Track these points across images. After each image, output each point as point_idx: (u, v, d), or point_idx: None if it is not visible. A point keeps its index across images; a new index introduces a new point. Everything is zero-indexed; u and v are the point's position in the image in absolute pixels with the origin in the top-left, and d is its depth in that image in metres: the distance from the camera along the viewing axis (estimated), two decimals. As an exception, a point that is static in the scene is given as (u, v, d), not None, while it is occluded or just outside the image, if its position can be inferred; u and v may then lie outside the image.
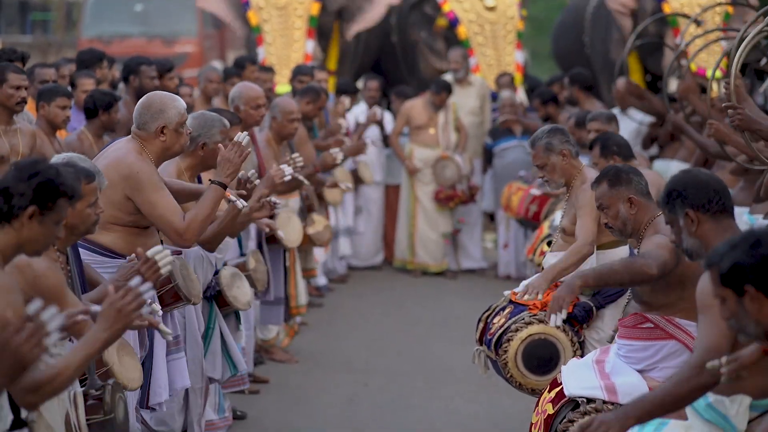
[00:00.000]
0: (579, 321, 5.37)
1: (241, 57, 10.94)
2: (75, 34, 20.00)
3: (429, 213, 11.00)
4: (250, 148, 5.15)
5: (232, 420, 6.36)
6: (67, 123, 6.97)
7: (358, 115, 11.09)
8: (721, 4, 9.61)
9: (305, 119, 8.52)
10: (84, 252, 4.63)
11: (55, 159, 4.25)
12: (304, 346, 8.39)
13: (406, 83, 12.43)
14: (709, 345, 3.59)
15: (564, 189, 5.77)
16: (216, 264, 5.87)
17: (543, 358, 5.20)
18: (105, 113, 7.15)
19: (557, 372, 5.02)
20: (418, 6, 12.62)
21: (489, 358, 5.51)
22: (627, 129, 9.46)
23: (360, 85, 11.90)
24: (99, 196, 4.16)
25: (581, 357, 5.06)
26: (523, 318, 5.33)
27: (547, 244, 6.78)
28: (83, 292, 4.29)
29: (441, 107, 10.86)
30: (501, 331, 5.35)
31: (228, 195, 5.22)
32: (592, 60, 12.52)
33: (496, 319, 5.45)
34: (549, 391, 4.82)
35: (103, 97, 7.20)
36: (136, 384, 4.33)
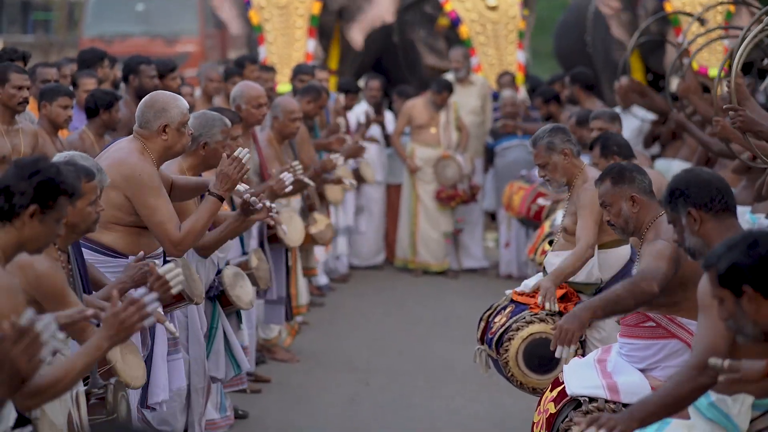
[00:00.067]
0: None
1: (242, 56, 10.93)
2: (76, 33, 20.01)
3: (430, 212, 10.99)
4: (249, 166, 5.16)
5: (233, 419, 6.36)
6: (69, 123, 6.96)
7: (359, 115, 11.08)
8: (723, 3, 9.60)
9: (306, 118, 8.52)
10: (86, 251, 4.63)
11: (57, 157, 4.25)
12: (305, 345, 8.39)
13: (407, 82, 12.43)
14: (708, 346, 3.59)
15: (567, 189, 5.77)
16: (218, 263, 5.87)
17: (544, 357, 5.18)
18: (106, 112, 7.15)
19: (558, 371, 5.02)
20: (416, 5, 12.61)
21: (490, 357, 5.50)
22: (629, 127, 9.44)
23: (361, 85, 11.89)
24: (99, 194, 4.15)
25: (582, 356, 5.06)
26: (524, 317, 5.33)
27: (549, 243, 6.77)
28: (86, 291, 4.29)
29: (442, 106, 10.86)
30: (502, 330, 5.35)
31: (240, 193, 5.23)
32: (594, 59, 12.53)
33: (497, 319, 5.45)
34: (551, 390, 4.82)
35: (104, 96, 7.19)
36: (139, 382, 4.32)
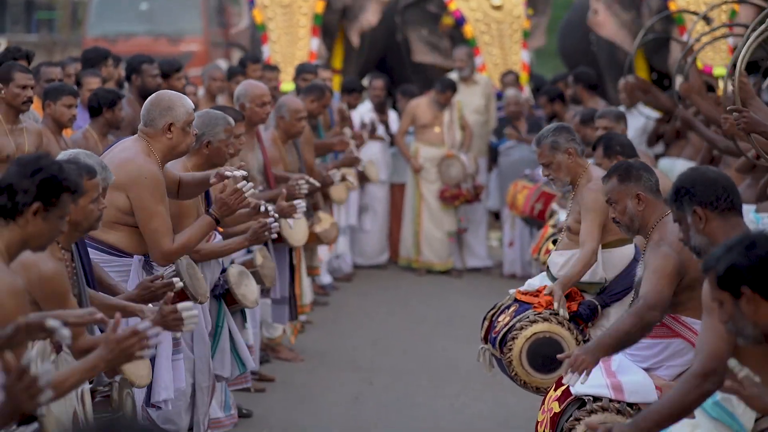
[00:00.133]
0: (584, 320, 5.37)
1: (244, 56, 10.93)
2: (80, 32, 19.99)
3: (434, 212, 10.98)
4: (248, 193, 5.21)
5: (237, 418, 6.36)
6: (73, 122, 6.96)
7: (363, 114, 11.07)
8: (728, 2, 9.59)
9: (310, 117, 8.51)
10: (91, 251, 4.63)
11: (62, 155, 4.25)
12: (309, 344, 8.39)
13: (411, 82, 12.42)
14: (711, 352, 3.59)
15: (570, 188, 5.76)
16: (222, 262, 5.87)
17: (548, 356, 5.18)
18: (109, 111, 7.15)
19: (562, 370, 5.00)
20: (418, 3, 12.61)
21: (494, 356, 5.50)
22: (634, 125, 9.43)
23: (365, 84, 11.89)
24: (102, 192, 4.14)
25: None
26: (528, 316, 5.32)
27: (553, 242, 6.76)
28: (90, 286, 4.29)
29: (446, 106, 10.85)
30: (506, 330, 5.34)
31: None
32: (598, 58, 12.52)
33: (501, 318, 5.45)
34: (555, 390, 4.81)
35: (107, 95, 7.19)
36: (144, 381, 4.32)
